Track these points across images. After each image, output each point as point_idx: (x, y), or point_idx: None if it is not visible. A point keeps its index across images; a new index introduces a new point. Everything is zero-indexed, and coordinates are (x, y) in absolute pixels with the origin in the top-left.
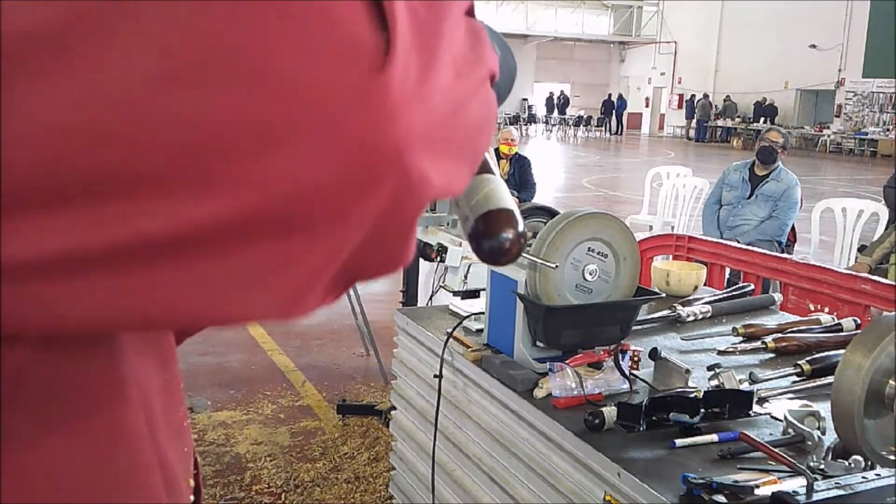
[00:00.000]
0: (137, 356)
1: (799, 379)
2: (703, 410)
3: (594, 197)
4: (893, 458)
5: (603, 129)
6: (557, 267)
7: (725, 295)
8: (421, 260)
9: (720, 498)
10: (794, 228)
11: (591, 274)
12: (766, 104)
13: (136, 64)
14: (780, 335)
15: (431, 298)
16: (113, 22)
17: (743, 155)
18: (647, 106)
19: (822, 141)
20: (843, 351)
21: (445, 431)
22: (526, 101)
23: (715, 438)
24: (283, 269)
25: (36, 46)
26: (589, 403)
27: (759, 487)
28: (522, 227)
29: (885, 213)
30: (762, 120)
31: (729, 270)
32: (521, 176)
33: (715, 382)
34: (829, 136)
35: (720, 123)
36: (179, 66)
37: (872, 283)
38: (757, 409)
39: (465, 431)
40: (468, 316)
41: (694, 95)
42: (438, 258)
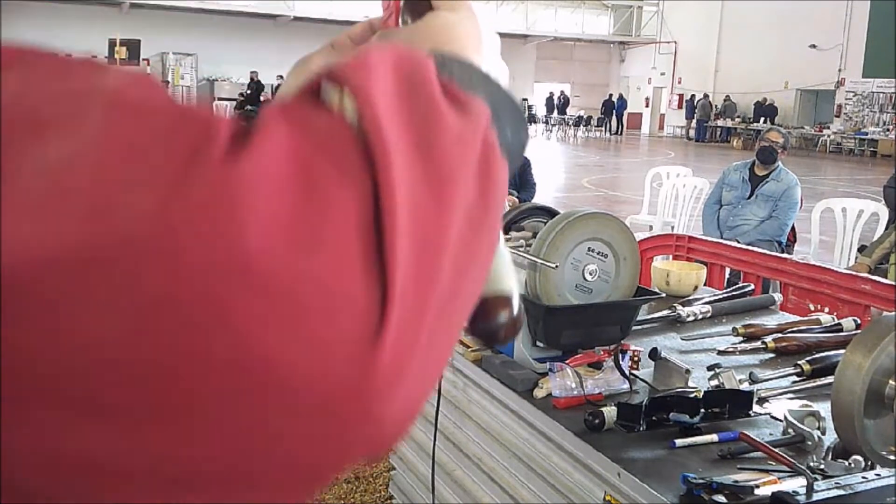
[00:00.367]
0: None
1: (799, 379)
2: (703, 410)
3: (594, 197)
4: (893, 458)
5: (603, 129)
6: (557, 267)
7: (725, 295)
8: None
9: (720, 498)
10: (794, 228)
11: (591, 274)
12: (766, 104)
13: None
14: (780, 335)
15: None
16: None
17: (743, 155)
18: (647, 106)
19: (822, 141)
20: (843, 351)
21: (445, 431)
22: (526, 101)
23: (715, 438)
24: None
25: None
26: (589, 403)
27: (759, 487)
28: (518, 309)
29: (885, 213)
30: (762, 120)
31: (729, 270)
32: (521, 176)
33: (715, 382)
34: (829, 136)
35: (720, 123)
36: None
37: (872, 283)
38: (757, 409)
39: (465, 431)
40: None
41: (694, 95)
42: None
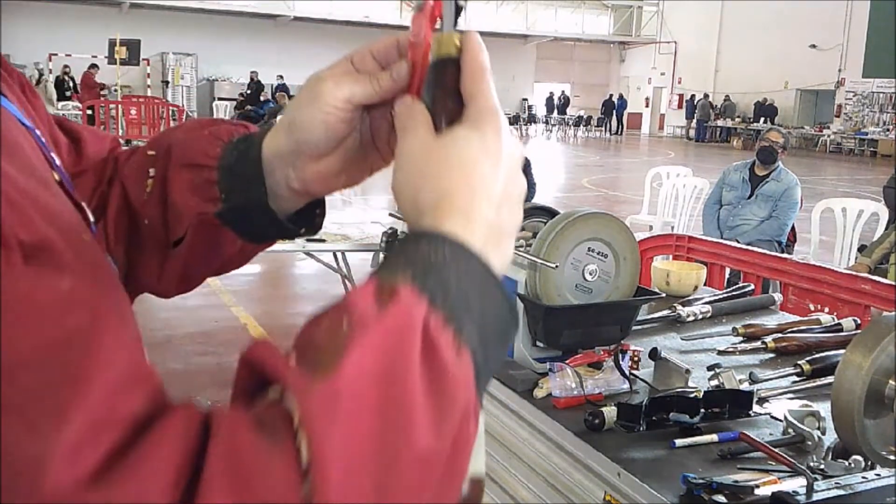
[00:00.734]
0: None
1: (799, 379)
2: (703, 410)
3: (594, 197)
4: (893, 458)
5: (603, 129)
6: (557, 267)
7: (725, 295)
8: None
9: (720, 498)
10: (794, 228)
11: (591, 274)
12: (766, 104)
13: None
14: (780, 335)
15: None
16: None
17: (743, 155)
18: (647, 106)
19: (822, 141)
20: (843, 351)
21: None
22: (526, 101)
23: (715, 438)
24: None
25: None
26: (589, 403)
27: (759, 487)
28: (481, 475)
29: (885, 213)
30: (762, 120)
31: (729, 270)
32: None
33: (715, 382)
34: (829, 136)
35: (720, 123)
36: None
37: (872, 283)
38: (757, 409)
39: None
40: None
41: (694, 95)
42: None
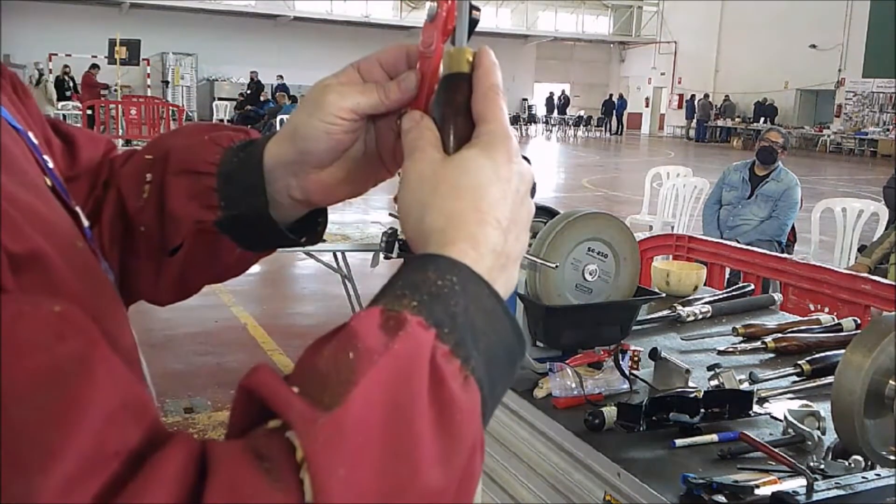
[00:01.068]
0: None
1: (799, 379)
2: (703, 410)
3: (594, 197)
4: (893, 458)
5: (603, 129)
6: (557, 267)
7: (725, 295)
8: None
9: (720, 498)
10: (794, 228)
11: (591, 274)
12: (766, 104)
13: None
14: (780, 335)
15: None
16: None
17: (743, 155)
18: (647, 106)
19: (822, 141)
20: (843, 351)
21: None
22: (526, 101)
23: (715, 438)
24: None
25: None
26: (589, 403)
27: (759, 487)
28: None
29: (885, 213)
30: (762, 120)
31: (729, 270)
32: None
33: (715, 382)
34: (829, 136)
35: (720, 123)
36: None
37: (872, 283)
38: (757, 409)
39: None
40: None
41: (694, 95)
42: None
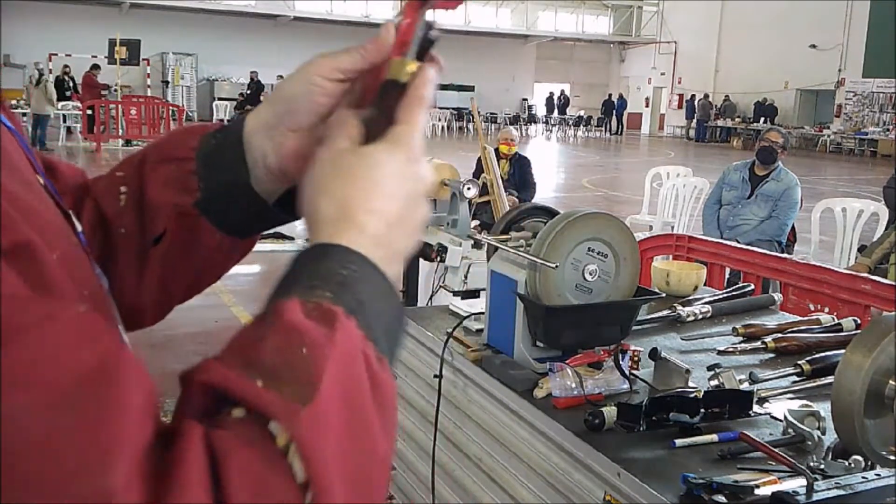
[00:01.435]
0: None
1: (799, 379)
2: (703, 410)
3: (594, 197)
4: (893, 458)
5: (603, 129)
6: (557, 267)
7: (725, 295)
8: (421, 260)
9: (720, 498)
10: (794, 228)
11: (591, 274)
12: (766, 104)
13: None
14: (780, 335)
15: (431, 298)
16: None
17: (743, 155)
18: (647, 106)
19: (822, 141)
20: (843, 351)
21: (445, 431)
22: (526, 101)
23: (715, 438)
24: None
25: None
26: (589, 403)
27: (759, 487)
28: None
29: (885, 213)
30: (762, 120)
31: (729, 270)
32: (521, 176)
33: (715, 382)
34: (829, 136)
35: (720, 123)
36: None
37: (872, 283)
38: (757, 409)
39: (465, 431)
40: (468, 316)
41: (694, 95)
42: (438, 258)
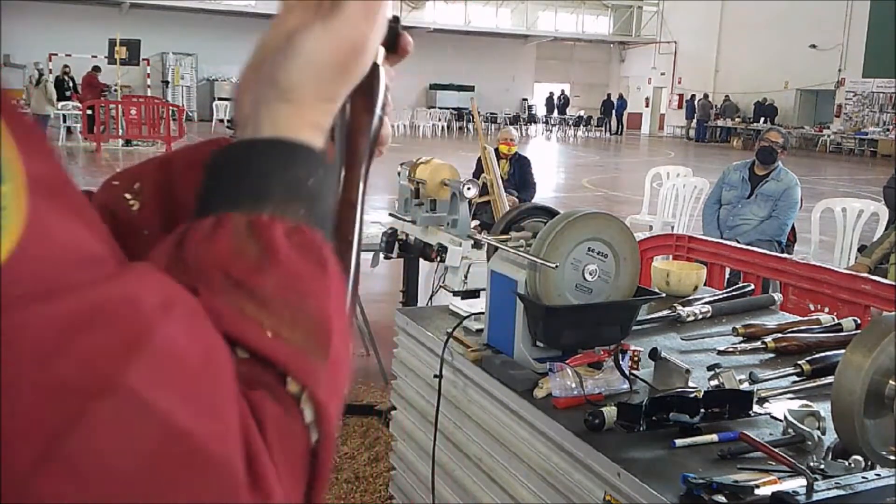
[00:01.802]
0: None
1: (799, 379)
2: (703, 410)
3: (594, 197)
4: (893, 458)
5: (603, 129)
6: (557, 267)
7: (725, 295)
8: (421, 260)
9: (720, 498)
10: (794, 228)
11: (591, 274)
12: (766, 104)
13: None
14: (780, 335)
15: (431, 298)
16: None
17: (743, 155)
18: (647, 106)
19: (822, 141)
20: (843, 351)
21: (445, 431)
22: (526, 101)
23: (715, 438)
24: None
25: None
26: (589, 403)
27: (759, 487)
28: None
29: (885, 213)
30: (762, 120)
31: (729, 270)
32: (521, 176)
33: (715, 382)
34: (829, 136)
35: (720, 123)
36: None
37: (872, 283)
38: (757, 409)
39: (465, 431)
40: (468, 316)
41: (694, 95)
42: (438, 258)
